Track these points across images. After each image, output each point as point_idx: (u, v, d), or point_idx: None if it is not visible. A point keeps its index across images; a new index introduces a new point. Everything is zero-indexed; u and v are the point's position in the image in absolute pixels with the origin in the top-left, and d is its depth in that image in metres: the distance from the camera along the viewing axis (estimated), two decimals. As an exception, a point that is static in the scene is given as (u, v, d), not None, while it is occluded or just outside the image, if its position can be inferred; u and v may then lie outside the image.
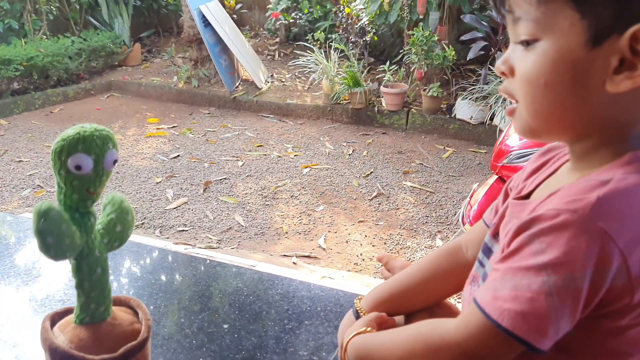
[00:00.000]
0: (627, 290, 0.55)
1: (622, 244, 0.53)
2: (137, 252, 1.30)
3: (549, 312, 0.54)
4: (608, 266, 0.53)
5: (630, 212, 0.54)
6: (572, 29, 0.56)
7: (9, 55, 5.30)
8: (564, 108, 0.60)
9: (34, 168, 4.14)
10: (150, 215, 3.46)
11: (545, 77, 0.59)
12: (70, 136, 0.69)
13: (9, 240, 1.36)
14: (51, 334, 0.75)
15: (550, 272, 0.54)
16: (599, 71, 0.57)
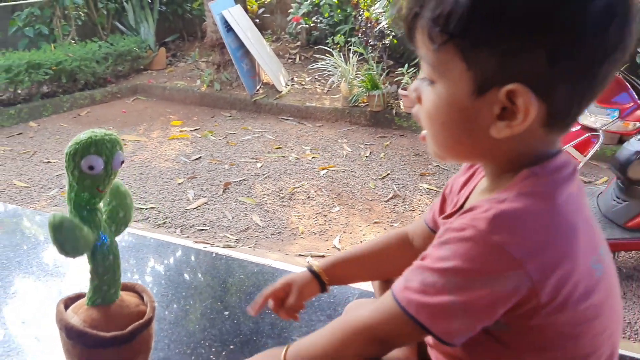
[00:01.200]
0: (532, 294, 0.61)
1: (518, 255, 0.60)
2: (159, 249, 1.39)
3: (450, 309, 0.61)
4: (504, 274, 0.60)
5: (521, 226, 0.61)
6: (461, 78, 0.62)
7: (39, 59, 5.49)
8: (461, 143, 0.67)
9: (62, 169, 4.26)
10: (172, 215, 3.57)
11: (441, 117, 0.66)
12: (83, 140, 0.78)
13: (34, 235, 1.46)
14: (66, 315, 0.84)
15: (452, 275, 0.62)
16: (484, 117, 0.63)
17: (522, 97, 0.60)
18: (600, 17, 0.58)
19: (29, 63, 5.38)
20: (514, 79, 0.60)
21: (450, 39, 0.60)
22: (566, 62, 0.59)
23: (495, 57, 0.59)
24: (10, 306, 1.15)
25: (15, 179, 4.08)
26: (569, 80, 0.60)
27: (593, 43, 0.59)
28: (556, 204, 0.63)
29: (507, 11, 0.57)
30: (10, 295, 1.19)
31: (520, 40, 0.58)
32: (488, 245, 0.60)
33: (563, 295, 0.62)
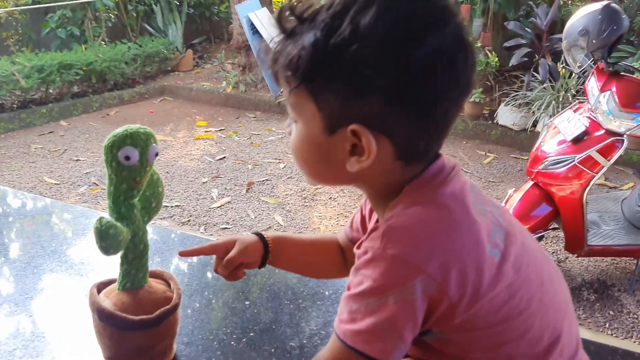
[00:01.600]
0: (442, 293, 0.65)
1: (416, 261, 0.64)
2: (184, 241, 1.45)
3: (378, 329, 0.66)
4: (410, 282, 0.64)
5: (410, 234, 0.66)
6: (314, 118, 0.68)
7: (70, 60, 5.64)
8: (324, 174, 0.74)
9: (90, 167, 4.41)
10: (196, 213, 3.65)
11: (302, 153, 0.73)
12: (119, 133, 0.84)
13: (66, 227, 1.53)
14: (98, 298, 0.89)
15: (369, 297, 0.66)
16: (338, 153, 0.69)
17: (364, 137, 0.66)
18: (427, 63, 0.63)
19: (60, 63, 5.53)
20: (355, 120, 0.65)
21: (301, 83, 0.67)
22: (400, 104, 0.64)
23: (338, 100, 0.65)
24: (46, 291, 1.22)
25: (46, 176, 4.20)
26: (408, 119, 0.66)
27: (423, 86, 0.64)
28: (438, 207, 0.68)
29: (342, 60, 0.63)
30: (45, 281, 1.26)
31: (355, 86, 0.64)
32: (387, 260, 0.65)
33: (471, 287, 0.66)
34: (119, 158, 0.84)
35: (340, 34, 0.63)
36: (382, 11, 0.62)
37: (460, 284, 0.65)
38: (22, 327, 1.10)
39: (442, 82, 0.64)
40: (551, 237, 3.27)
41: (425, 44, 0.63)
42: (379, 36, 0.62)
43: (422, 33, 0.63)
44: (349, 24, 0.63)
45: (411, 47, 0.63)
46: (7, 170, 4.33)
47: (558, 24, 4.86)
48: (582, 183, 2.59)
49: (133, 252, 0.89)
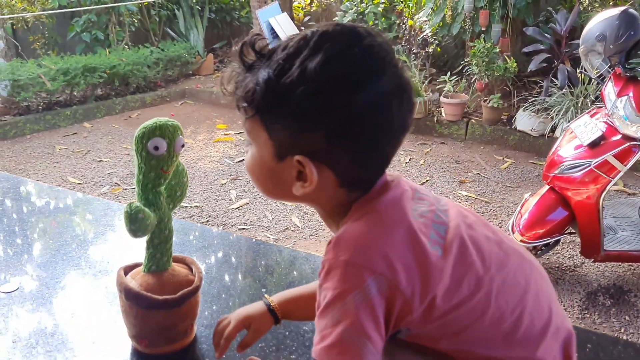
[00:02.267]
0: (395, 289, 0.71)
1: (365, 262, 0.70)
2: (204, 234, 1.51)
3: (346, 337, 0.70)
4: (365, 283, 0.70)
5: (357, 240, 0.72)
6: (266, 144, 0.76)
7: (95, 63, 5.76)
8: (276, 193, 0.82)
9: (113, 167, 4.51)
10: (215, 214, 3.71)
11: (255, 173, 0.81)
12: (149, 125, 0.91)
13: (94, 218, 1.60)
14: (125, 279, 0.95)
15: (332, 308, 0.71)
16: (287, 177, 0.76)
17: (307, 166, 0.73)
18: (365, 108, 0.70)
19: (85, 67, 5.65)
20: (299, 151, 0.73)
21: (255, 113, 0.74)
22: (340, 142, 0.72)
23: (286, 132, 0.73)
24: (76, 274, 1.29)
25: (70, 176, 4.31)
26: (347, 155, 0.73)
27: (360, 128, 0.71)
28: (377, 213, 0.75)
29: (290, 99, 0.70)
30: (73, 266, 1.32)
31: (300, 122, 0.72)
32: (340, 267, 0.71)
33: (419, 281, 0.71)
34: (148, 148, 0.90)
35: (290, 76, 0.70)
36: (328, 59, 0.70)
37: (408, 278, 0.71)
38: (54, 308, 1.17)
39: (378, 125, 0.72)
40: (567, 241, 3.27)
41: (364, 91, 0.70)
42: (323, 82, 0.70)
43: (362, 81, 0.71)
44: (298, 67, 0.70)
45: (351, 94, 0.70)
46: (33, 169, 4.45)
47: (577, 29, 4.85)
48: (598, 188, 2.60)
49: (159, 237, 0.95)
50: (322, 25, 0.74)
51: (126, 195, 4.00)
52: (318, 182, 0.74)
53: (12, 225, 1.55)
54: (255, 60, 0.75)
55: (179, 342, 1.00)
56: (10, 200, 1.73)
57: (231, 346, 0.98)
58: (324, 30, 0.72)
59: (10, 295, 1.21)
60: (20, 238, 1.48)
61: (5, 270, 1.31)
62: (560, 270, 3.03)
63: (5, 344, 1.06)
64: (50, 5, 6.41)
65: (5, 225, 1.55)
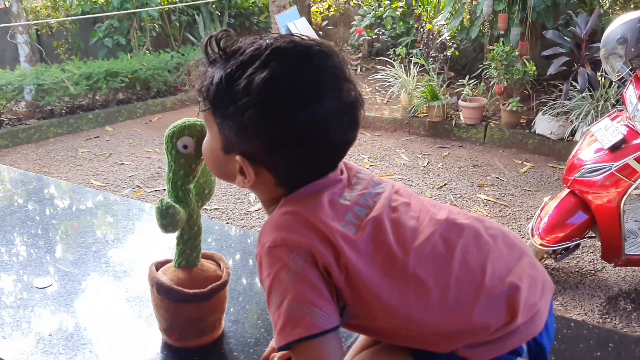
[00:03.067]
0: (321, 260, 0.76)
1: (283, 242, 0.77)
2: (229, 232, 1.54)
3: (290, 311, 0.75)
4: (289, 258, 0.76)
5: (272, 225, 0.80)
6: (216, 137, 0.83)
7: (116, 68, 5.86)
8: (225, 179, 0.87)
9: (134, 170, 4.58)
10: (234, 216, 3.76)
11: (207, 157, 0.89)
12: (178, 124, 0.95)
13: (123, 217, 1.65)
14: (157, 274, 0.99)
15: (274, 292, 0.77)
16: (232, 169, 0.83)
17: (244, 166, 0.80)
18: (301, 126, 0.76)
19: (107, 71, 5.75)
20: (240, 151, 0.80)
21: (208, 107, 0.81)
22: (277, 152, 0.78)
23: (231, 131, 0.79)
24: (106, 270, 1.33)
25: (92, 179, 4.39)
26: (285, 162, 0.80)
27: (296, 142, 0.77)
28: (293, 202, 0.81)
29: (235, 105, 0.77)
30: (105, 263, 1.36)
31: (243, 128, 0.78)
32: (266, 252, 0.78)
33: (332, 257, 0.76)
34: (178, 146, 0.94)
35: (238, 85, 0.77)
36: (273, 77, 0.75)
37: (322, 246, 0.76)
38: (86, 303, 1.21)
39: (315, 142, 0.78)
40: (588, 246, 3.26)
41: (302, 112, 0.76)
42: (265, 98, 0.75)
43: (302, 102, 0.76)
44: (246, 78, 0.76)
45: (291, 112, 0.76)
46: (56, 172, 4.53)
47: (598, 32, 4.82)
48: (619, 191, 2.59)
49: (188, 233, 0.99)
50: (279, 38, 0.80)
51: (147, 198, 4.06)
52: (256, 180, 0.81)
53: (44, 223, 1.60)
54: (218, 57, 0.81)
55: (208, 336, 1.04)
56: (42, 199, 1.78)
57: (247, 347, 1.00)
58: (276, 46, 0.78)
59: (44, 290, 1.25)
60: (49, 236, 1.53)
61: (39, 267, 1.35)
62: (581, 275, 3.01)
63: (42, 336, 1.10)
64: (73, 12, 6.53)
65: (37, 222, 1.60)
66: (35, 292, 1.24)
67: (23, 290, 1.26)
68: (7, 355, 1.04)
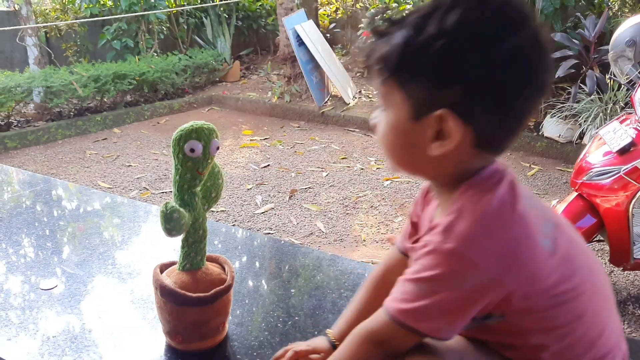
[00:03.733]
0: (497, 285, 0.72)
1: (472, 255, 0.71)
2: (235, 235, 1.54)
3: (427, 310, 0.74)
4: (463, 274, 0.72)
5: (467, 231, 0.72)
6: (402, 106, 0.76)
7: (124, 70, 5.89)
8: (405, 160, 0.81)
9: (141, 172, 4.59)
10: (241, 218, 3.76)
11: (387, 138, 0.80)
12: (186, 128, 0.94)
13: (128, 219, 1.65)
14: (161, 277, 0.99)
15: (423, 283, 0.74)
16: (422, 139, 0.76)
17: (449, 121, 0.73)
18: (505, 60, 0.70)
19: (115, 74, 5.78)
20: (441, 106, 0.73)
21: (391, 75, 0.75)
22: (480, 95, 0.71)
23: (424, 89, 0.73)
24: (111, 272, 1.33)
25: (100, 180, 4.40)
26: (486, 109, 0.72)
27: (501, 80, 0.71)
28: (489, 208, 0.74)
29: (429, 54, 0.71)
30: (110, 265, 1.36)
31: (440, 77, 0.72)
32: (444, 253, 0.72)
33: (526, 276, 0.72)
34: (185, 150, 0.93)
35: (428, 32, 0.71)
36: (466, 12, 0.71)
37: (515, 273, 0.72)
38: (91, 305, 1.21)
39: (519, 78, 0.72)
40: (596, 249, 3.23)
41: (504, 43, 0.70)
42: (463, 34, 0.70)
43: (501, 33, 0.71)
44: (436, 23, 0.71)
45: (490, 46, 0.70)
46: (64, 174, 4.55)
47: (606, 35, 4.79)
48: (627, 195, 2.56)
49: (193, 236, 0.98)
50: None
51: (154, 200, 4.07)
52: (458, 138, 0.73)
53: (49, 225, 1.60)
54: (387, 27, 0.77)
55: (212, 339, 1.03)
56: (48, 200, 1.79)
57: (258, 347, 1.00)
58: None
59: (49, 292, 1.25)
60: (55, 237, 1.54)
61: (43, 268, 1.36)
62: (589, 278, 2.99)
63: (46, 338, 1.10)
64: (82, 14, 6.58)
65: (44, 224, 1.60)
66: (40, 294, 1.25)
67: (29, 291, 1.26)
68: (12, 357, 1.04)
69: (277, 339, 1.05)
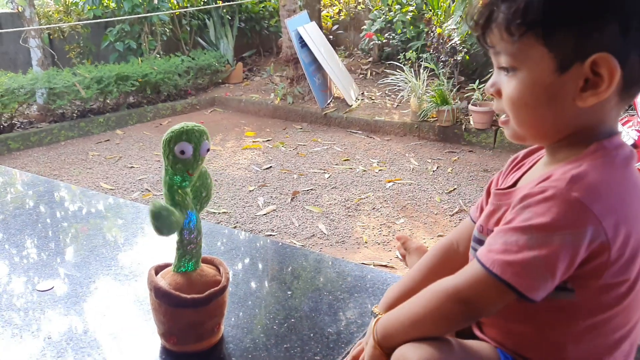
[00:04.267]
0: (604, 249, 0.69)
1: (596, 210, 0.68)
2: (232, 237, 1.54)
3: (532, 263, 0.69)
4: (583, 228, 0.68)
5: (598, 186, 0.69)
6: (543, 60, 0.72)
7: (127, 72, 5.90)
8: (545, 120, 0.76)
9: (144, 174, 4.59)
10: (242, 220, 3.75)
11: (525, 98, 0.75)
12: (177, 129, 0.94)
13: (126, 221, 1.65)
14: (155, 278, 0.98)
15: (534, 232, 0.69)
16: (568, 91, 0.72)
17: (605, 65, 0.69)
18: None
19: (118, 75, 5.79)
20: (595, 51, 0.69)
21: (528, 30, 0.70)
22: (636, 32, 0.68)
23: (573, 36, 0.69)
24: (108, 274, 1.33)
25: (102, 182, 4.41)
26: (638, 45, 0.69)
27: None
28: (625, 172, 0.73)
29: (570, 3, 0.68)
30: (106, 266, 1.36)
31: (594, 18, 0.68)
32: (569, 201, 0.68)
33: (627, 254, 0.70)
34: (175, 152, 0.93)
35: None
36: None
37: (623, 244, 0.70)
38: (87, 307, 1.21)
39: None
40: (598, 252, 3.21)
41: None
42: None
43: None
44: None
45: None
46: (67, 175, 4.57)
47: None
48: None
49: (188, 237, 0.98)
50: None
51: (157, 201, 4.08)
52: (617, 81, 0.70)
53: (48, 226, 1.60)
54: None
55: (207, 341, 1.03)
56: (47, 202, 1.79)
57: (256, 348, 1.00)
58: None
59: (45, 293, 1.25)
60: (55, 239, 1.54)
61: (41, 270, 1.36)
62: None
63: (41, 340, 1.10)
64: (85, 16, 6.59)
65: (41, 225, 1.61)
66: (37, 295, 1.25)
67: (25, 293, 1.26)
68: (7, 358, 1.04)
69: (273, 340, 1.05)
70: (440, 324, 0.77)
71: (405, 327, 0.79)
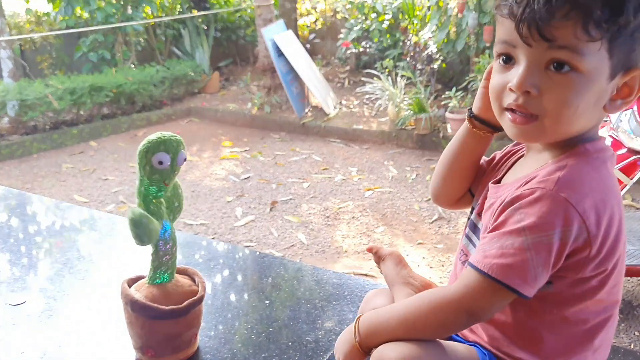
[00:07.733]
0: (587, 245, 0.73)
1: (580, 209, 0.72)
2: (208, 247, 1.51)
3: (529, 263, 0.72)
4: (570, 226, 0.72)
5: (582, 186, 0.74)
6: (602, 65, 0.74)
7: (101, 82, 5.82)
8: (579, 121, 0.77)
9: (119, 185, 4.53)
10: (221, 231, 3.71)
11: (578, 99, 0.75)
12: (154, 139, 0.92)
13: (99, 233, 1.61)
14: (130, 292, 0.96)
15: (528, 233, 0.72)
16: (606, 97, 0.77)
17: (638, 78, 0.76)
18: None
19: (91, 86, 5.71)
20: (636, 64, 0.75)
21: (603, 37, 0.72)
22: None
23: (628, 46, 0.74)
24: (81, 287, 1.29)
25: (76, 194, 4.33)
26: None
27: None
28: (606, 172, 0.78)
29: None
30: (79, 279, 1.33)
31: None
32: (557, 201, 0.72)
33: (605, 251, 0.74)
34: (153, 162, 0.91)
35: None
36: None
37: (602, 241, 0.74)
38: (60, 321, 1.17)
39: None
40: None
41: None
42: None
43: None
44: None
45: None
46: (39, 188, 4.47)
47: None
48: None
49: (164, 247, 0.96)
50: None
51: (132, 213, 4.01)
52: None
53: (20, 241, 1.56)
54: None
55: (184, 352, 1.01)
56: (19, 215, 1.74)
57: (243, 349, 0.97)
58: None
59: (17, 307, 1.21)
60: (27, 253, 1.49)
61: (13, 283, 1.31)
62: (568, 285, 3.00)
63: (14, 355, 1.06)
64: (57, 26, 6.50)
65: (13, 239, 1.56)
66: (8, 310, 1.20)
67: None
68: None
69: (251, 350, 1.03)
70: (439, 331, 0.79)
71: (393, 329, 0.80)
